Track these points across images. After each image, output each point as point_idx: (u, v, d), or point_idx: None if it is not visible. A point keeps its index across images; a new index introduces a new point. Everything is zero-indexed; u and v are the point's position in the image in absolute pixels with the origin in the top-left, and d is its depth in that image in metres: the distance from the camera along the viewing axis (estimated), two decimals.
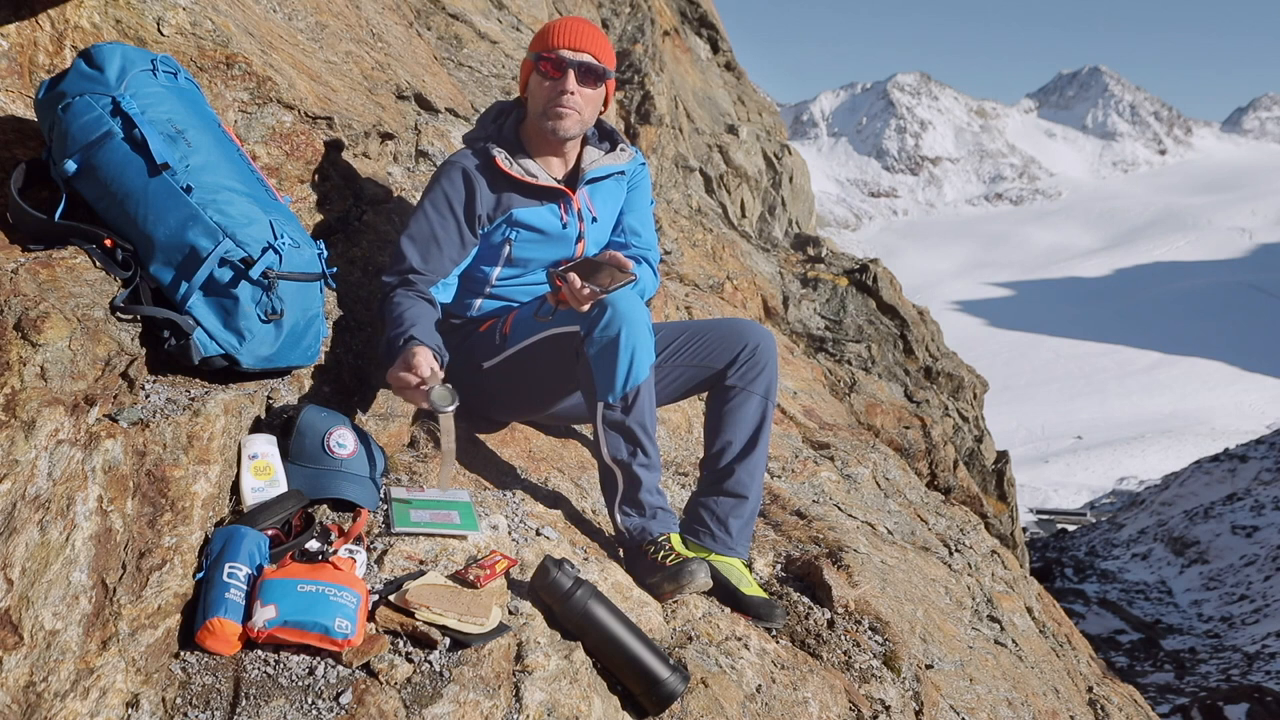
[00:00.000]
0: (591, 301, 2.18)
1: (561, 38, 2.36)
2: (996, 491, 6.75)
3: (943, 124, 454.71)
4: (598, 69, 2.38)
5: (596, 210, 2.52)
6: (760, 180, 9.72)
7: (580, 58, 2.36)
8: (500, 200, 2.41)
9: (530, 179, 2.41)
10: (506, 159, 2.40)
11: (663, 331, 2.51)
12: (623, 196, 2.62)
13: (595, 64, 2.37)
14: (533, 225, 2.43)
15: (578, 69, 2.36)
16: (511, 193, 2.41)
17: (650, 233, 2.69)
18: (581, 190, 2.48)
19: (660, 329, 2.50)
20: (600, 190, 2.54)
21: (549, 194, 2.44)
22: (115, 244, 1.92)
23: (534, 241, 2.45)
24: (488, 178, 2.40)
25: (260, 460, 1.87)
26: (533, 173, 2.42)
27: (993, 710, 2.61)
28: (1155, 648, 21.80)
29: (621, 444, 2.22)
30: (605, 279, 2.20)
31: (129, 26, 2.36)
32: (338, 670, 1.57)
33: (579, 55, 2.36)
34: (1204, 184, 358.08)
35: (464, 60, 4.70)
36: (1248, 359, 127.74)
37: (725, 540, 2.37)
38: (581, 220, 2.48)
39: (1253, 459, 32.14)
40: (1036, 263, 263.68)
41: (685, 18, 10.81)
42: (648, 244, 2.67)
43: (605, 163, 2.53)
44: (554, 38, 2.37)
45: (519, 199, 2.42)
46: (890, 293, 7.22)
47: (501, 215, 2.41)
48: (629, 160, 2.58)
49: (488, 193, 2.40)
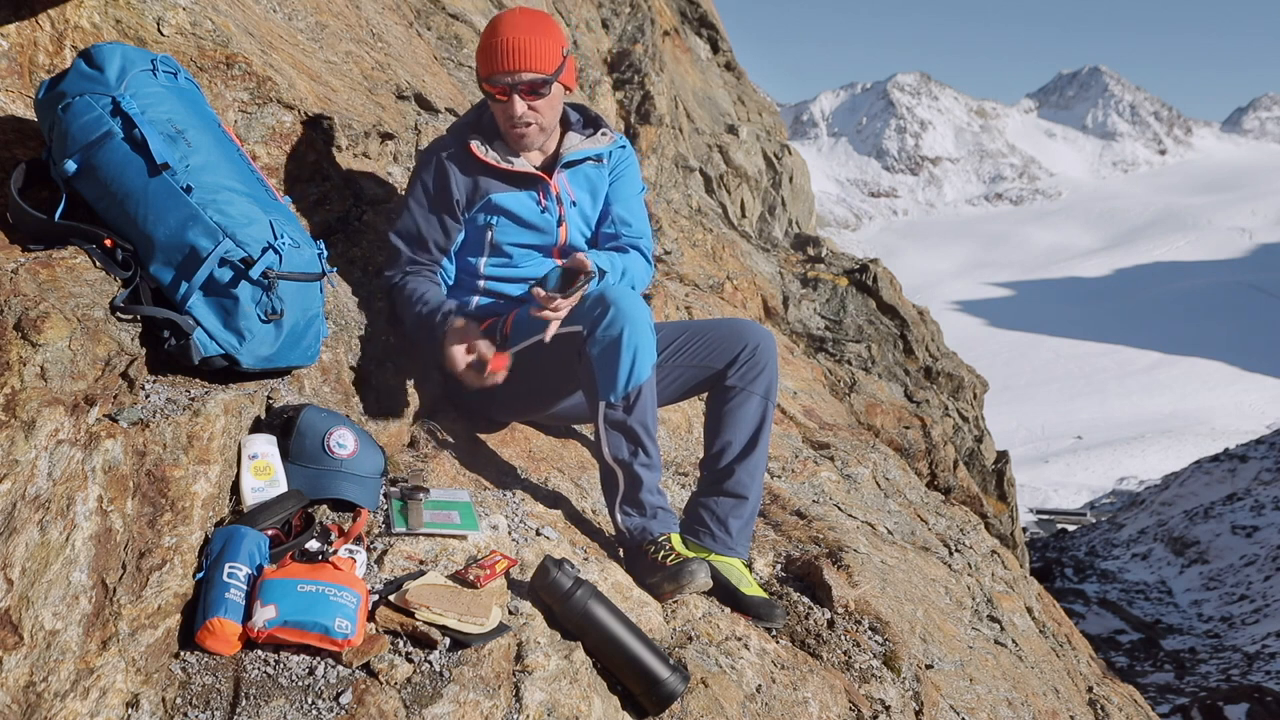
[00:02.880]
0: (561, 309, 2.21)
1: (498, 59, 2.30)
2: (996, 491, 6.75)
3: (943, 124, 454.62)
4: (539, 81, 2.32)
5: (575, 194, 2.52)
6: (760, 180, 9.72)
7: (519, 78, 2.30)
8: (478, 184, 2.43)
9: (505, 165, 2.42)
10: (481, 145, 2.42)
11: (662, 331, 2.51)
12: (604, 182, 2.60)
13: (535, 78, 2.31)
14: (511, 210, 2.45)
15: (520, 90, 2.32)
16: (489, 178, 2.44)
17: (641, 220, 2.67)
18: (559, 174, 2.49)
19: (660, 329, 2.50)
20: (578, 174, 2.54)
21: (526, 180, 2.46)
22: (115, 244, 1.92)
23: (515, 227, 2.47)
24: (462, 164, 2.43)
25: (260, 460, 1.87)
26: (509, 159, 2.43)
27: (993, 710, 2.61)
28: (1155, 648, 21.79)
29: (623, 443, 2.22)
30: (567, 283, 2.22)
31: (129, 26, 2.36)
32: (338, 670, 1.57)
33: (518, 76, 2.30)
34: (1204, 184, 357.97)
35: (464, 60, 4.70)
36: (1248, 359, 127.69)
37: (725, 540, 2.37)
38: (561, 204, 2.49)
39: (1253, 459, 32.13)
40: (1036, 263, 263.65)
41: (685, 18, 10.81)
42: (639, 232, 2.65)
43: (583, 147, 2.53)
44: (491, 60, 2.32)
45: (497, 184, 2.44)
46: (890, 293, 7.22)
47: (480, 200, 2.44)
48: (609, 144, 2.57)
49: (463, 177, 2.43)
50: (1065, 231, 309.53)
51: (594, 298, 2.22)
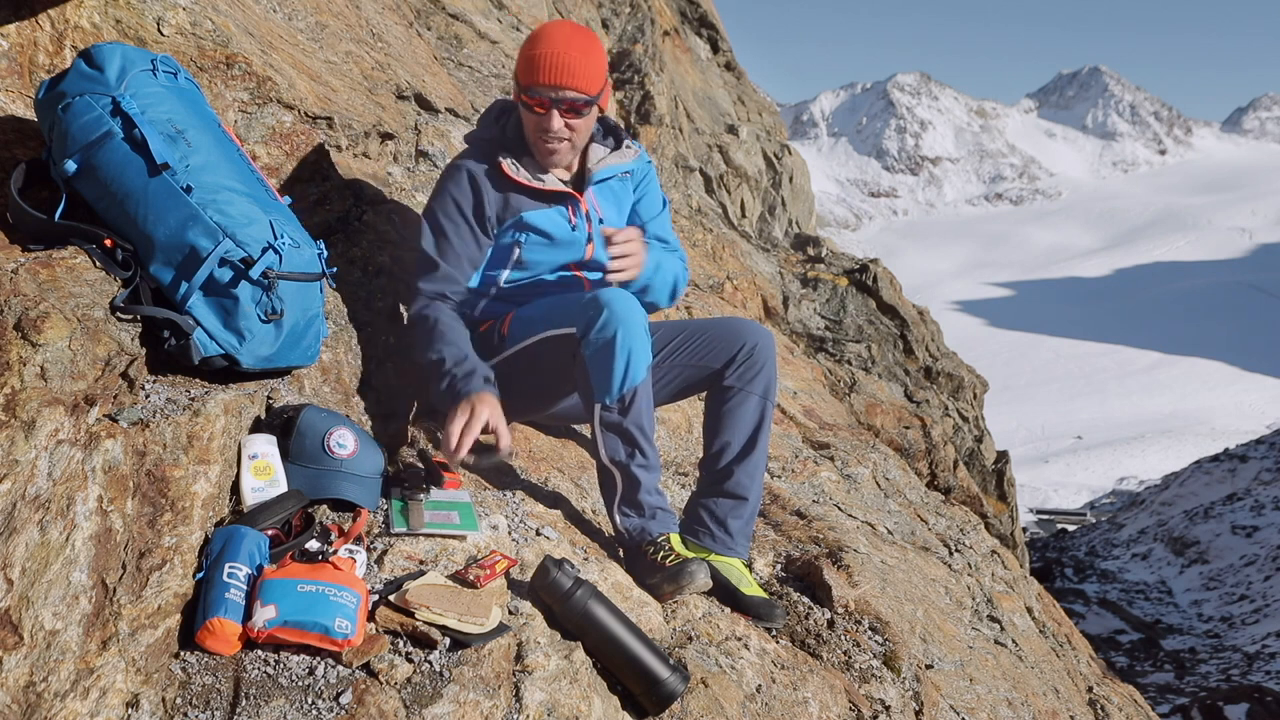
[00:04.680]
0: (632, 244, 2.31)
1: (543, 71, 2.24)
2: (996, 491, 6.76)
3: (943, 124, 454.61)
4: (581, 101, 2.28)
5: (603, 211, 2.51)
6: (760, 180, 9.72)
7: (562, 94, 2.26)
8: (509, 202, 2.39)
9: (538, 184, 2.39)
10: (514, 165, 2.37)
11: (660, 331, 2.51)
12: (629, 197, 2.61)
13: (578, 97, 2.27)
14: (541, 228, 2.41)
15: (560, 106, 2.28)
16: (520, 195, 2.39)
17: (671, 234, 2.70)
18: (589, 191, 2.47)
19: (658, 328, 2.50)
20: (606, 190, 2.53)
21: (557, 197, 2.43)
22: (115, 244, 1.92)
23: (543, 244, 2.44)
24: (494, 180, 2.38)
25: (260, 460, 1.87)
26: (540, 177, 2.40)
27: (993, 710, 2.61)
28: (1155, 648, 21.80)
29: (619, 446, 2.21)
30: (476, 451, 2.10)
31: (129, 26, 2.36)
32: (338, 670, 1.57)
33: (561, 92, 2.25)
34: (1204, 184, 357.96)
35: (464, 60, 4.70)
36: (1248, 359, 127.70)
37: (725, 540, 2.37)
38: (589, 222, 2.47)
39: (1253, 459, 32.14)
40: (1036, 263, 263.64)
41: (685, 18, 10.81)
42: (674, 247, 2.69)
43: (611, 162, 2.51)
44: (536, 71, 2.26)
45: (528, 201, 2.40)
46: (890, 293, 7.22)
47: (511, 217, 2.39)
48: (634, 159, 2.57)
49: (495, 194, 2.38)
50: (1065, 231, 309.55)
51: (587, 299, 2.21)
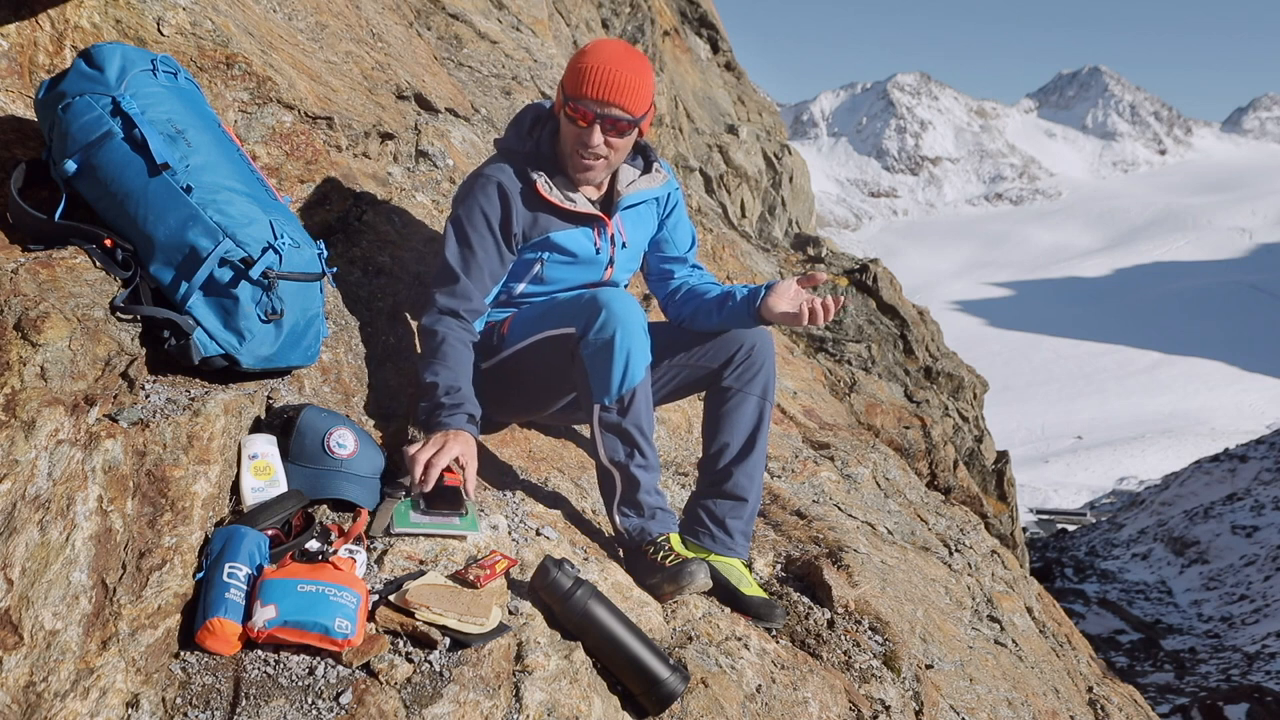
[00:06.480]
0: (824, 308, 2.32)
1: (593, 85, 2.20)
2: (996, 491, 6.76)
3: (943, 124, 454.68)
4: (625, 120, 2.24)
5: (628, 235, 2.50)
6: (760, 180, 9.72)
7: (608, 111, 2.21)
8: (538, 220, 2.36)
9: (569, 205, 2.36)
10: (547, 184, 2.34)
11: (659, 331, 2.51)
12: (654, 221, 2.59)
13: (623, 116, 2.23)
14: (566, 249, 2.40)
15: (604, 122, 2.24)
16: (549, 215, 2.37)
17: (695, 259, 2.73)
18: (617, 216, 2.46)
19: (656, 328, 2.50)
20: (634, 215, 2.51)
21: (585, 218, 2.41)
22: (115, 244, 1.92)
23: (565, 263, 2.42)
24: (525, 197, 2.34)
25: (260, 460, 1.87)
26: (571, 198, 2.37)
27: (993, 710, 2.61)
28: (1155, 648, 21.81)
29: (619, 446, 2.21)
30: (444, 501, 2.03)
31: (129, 26, 2.36)
32: (338, 670, 1.57)
33: (607, 109, 2.21)
34: (1204, 184, 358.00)
35: (464, 60, 4.70)
36: (1248, 359, 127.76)
37: (725, 541, 2.37)
38: (614, 245, 2.46)
39: (1253, 459, 32.17)
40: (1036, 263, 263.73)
41: (685, 18, 10.81)
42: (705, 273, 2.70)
43: (641, 187, 2.49)
44: (585, 84, 2.21)
45: (556, 222, 2.37)
46: (890, 293, 7.22)
47: (538, 236, 2.36)
48: (663, 183, 2.55)
49: (524, 211, 2.34)
50: (1065, 231, 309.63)
51: (586, 300, 2.21)
